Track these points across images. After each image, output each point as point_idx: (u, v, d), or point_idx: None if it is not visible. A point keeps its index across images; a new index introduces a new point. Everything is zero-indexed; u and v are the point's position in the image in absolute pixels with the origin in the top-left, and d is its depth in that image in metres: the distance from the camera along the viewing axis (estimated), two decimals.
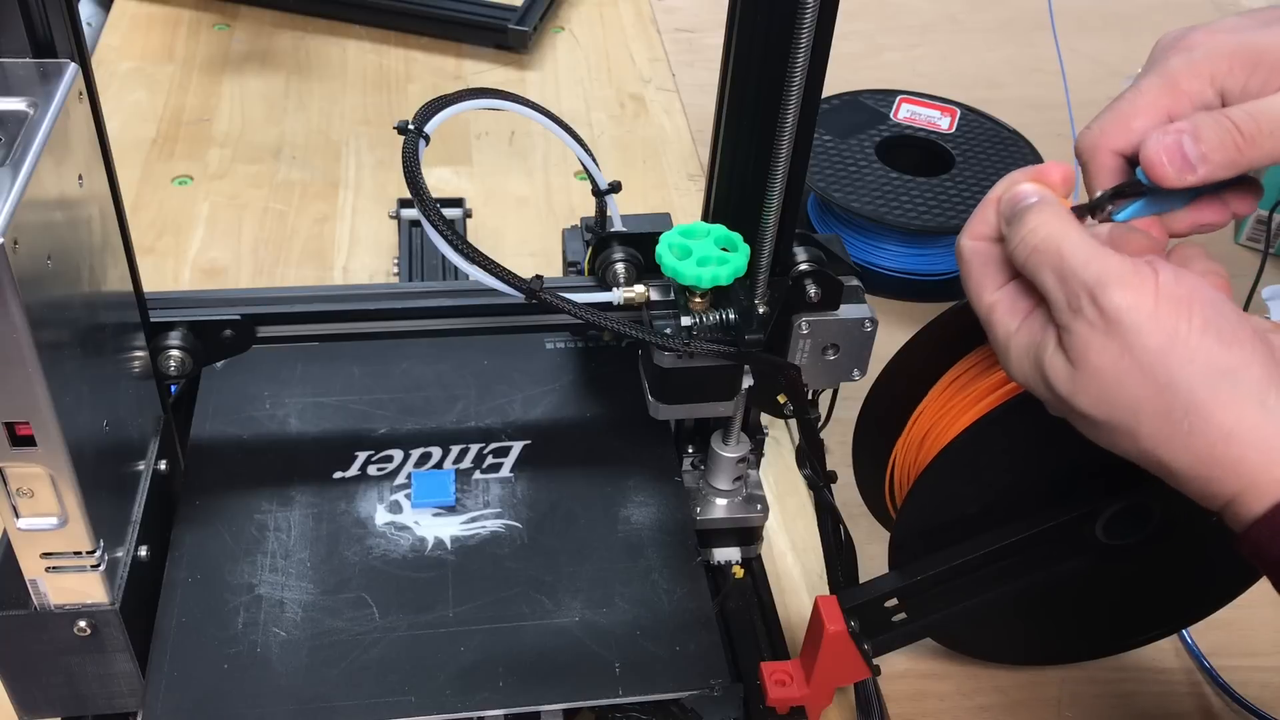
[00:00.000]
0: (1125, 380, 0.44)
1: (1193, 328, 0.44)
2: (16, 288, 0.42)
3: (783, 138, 0.55)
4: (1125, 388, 0.45)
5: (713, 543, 0.68)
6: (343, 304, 0.62)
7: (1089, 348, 0.45)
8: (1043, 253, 0.46)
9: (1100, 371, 0.45)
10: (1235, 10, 1.31)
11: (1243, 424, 0.43)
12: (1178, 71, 0.49)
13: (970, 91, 1.07)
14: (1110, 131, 0.50)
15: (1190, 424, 0.44)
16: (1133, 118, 0.49)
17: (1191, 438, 0.44)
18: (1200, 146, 0.46)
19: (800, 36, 0.51)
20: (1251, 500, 0.43)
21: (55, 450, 0.47)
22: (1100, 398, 0.45)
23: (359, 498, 0.65)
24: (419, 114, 0.57)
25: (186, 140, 1.06)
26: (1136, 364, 0.44)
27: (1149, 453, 0.45)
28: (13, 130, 0.45)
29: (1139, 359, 0.44)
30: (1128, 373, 0.44)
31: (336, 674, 0.57)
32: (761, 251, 0.59)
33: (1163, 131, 0.47)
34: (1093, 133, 0.51)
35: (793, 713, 0.60)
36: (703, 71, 1.19)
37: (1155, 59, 0.50)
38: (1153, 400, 0.44)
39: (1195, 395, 0.44)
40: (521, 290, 0.55)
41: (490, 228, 0.99)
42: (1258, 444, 0.43)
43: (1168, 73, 0.49)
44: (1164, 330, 0.44)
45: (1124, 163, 0.50)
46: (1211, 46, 0.48)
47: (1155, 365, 0.44)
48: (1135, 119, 0.49)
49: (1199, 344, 0.44)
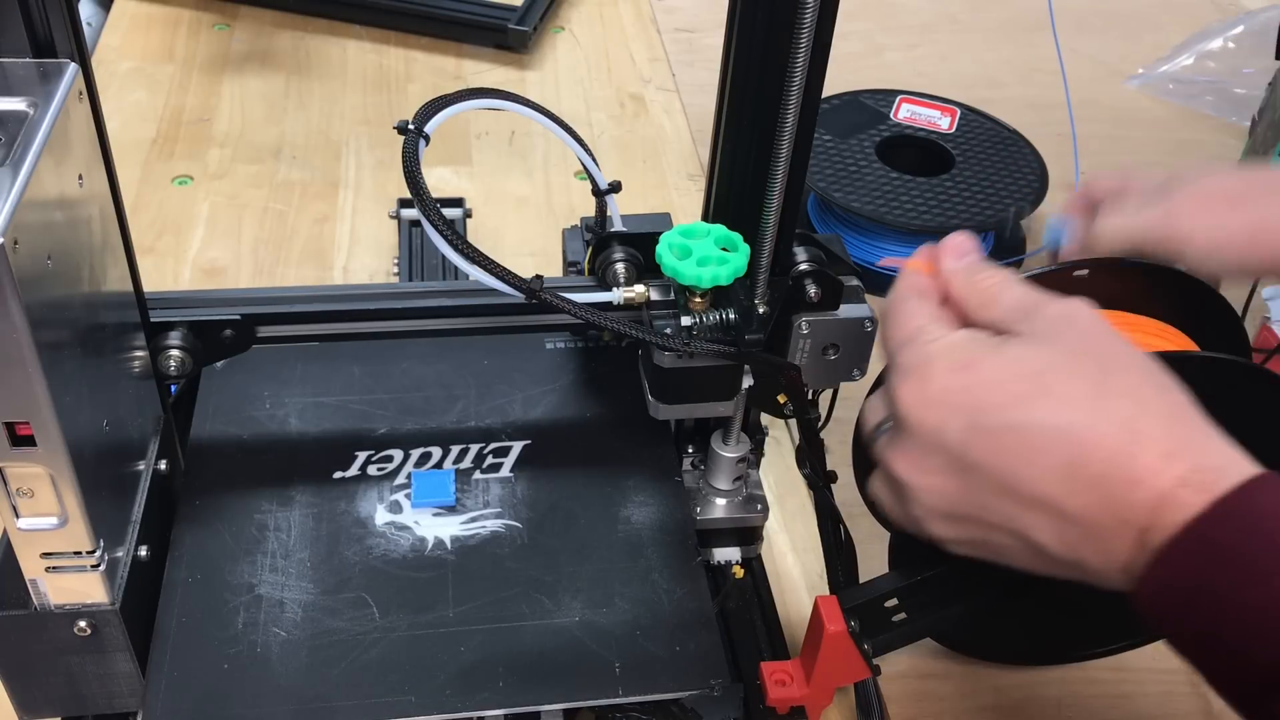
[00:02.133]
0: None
1: (955, 427, 0.45)
2: (16, 288, 0.42)
3: (783, 138, 0.55)
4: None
5: (713, 543, 0.68)
6: (343, 304, 0.62)
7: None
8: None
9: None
10: (1235, 9, 1.31)
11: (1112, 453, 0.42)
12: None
13: (970, 91, 1.07)
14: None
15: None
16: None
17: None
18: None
19: (800, 36, 0.51)
20: (1166, 515, 0.40)
21: (55, 450, 0.47)
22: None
23: (359, 498, 0.65)
24: (419, 114, 0.57)
25: (186, 140, 1.06)
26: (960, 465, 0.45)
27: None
28: (13, 130, 0.45)
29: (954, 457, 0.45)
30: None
31: (336, 674, 0.57)
32: (761, 251, 0.59)
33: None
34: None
35: (793, 713, 0.60)
36: (703, 71, 1.19)
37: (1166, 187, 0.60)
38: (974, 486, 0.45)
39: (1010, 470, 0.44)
40: (521, 290, 0.55)
41: (490, 228, 0.99)
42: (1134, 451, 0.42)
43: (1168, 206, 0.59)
44: (931, 428, 0.46)
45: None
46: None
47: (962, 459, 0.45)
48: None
49: (972, 437, 0.45)
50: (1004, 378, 0.44)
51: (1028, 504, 0.43)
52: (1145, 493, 0.40)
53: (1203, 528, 0.39)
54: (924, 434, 0.45)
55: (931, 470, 0.46)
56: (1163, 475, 0.40)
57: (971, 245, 0.52)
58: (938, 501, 0.46)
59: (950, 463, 0.45)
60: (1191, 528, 0.39)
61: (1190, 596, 0.39)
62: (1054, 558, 0.44)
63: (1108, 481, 0.41)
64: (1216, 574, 0.39)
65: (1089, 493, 0.41)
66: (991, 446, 0.43)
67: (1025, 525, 0.44)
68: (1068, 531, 0.43)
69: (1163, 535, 0.40)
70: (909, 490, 0.47)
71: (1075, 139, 0.95)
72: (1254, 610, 0.38)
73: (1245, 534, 0.39)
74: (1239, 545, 0.39)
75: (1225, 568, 0.39)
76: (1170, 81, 1.21)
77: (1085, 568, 0.43)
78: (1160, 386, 0.43)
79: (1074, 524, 0.42)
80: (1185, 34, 1.27)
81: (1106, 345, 0.45)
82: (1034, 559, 0.45)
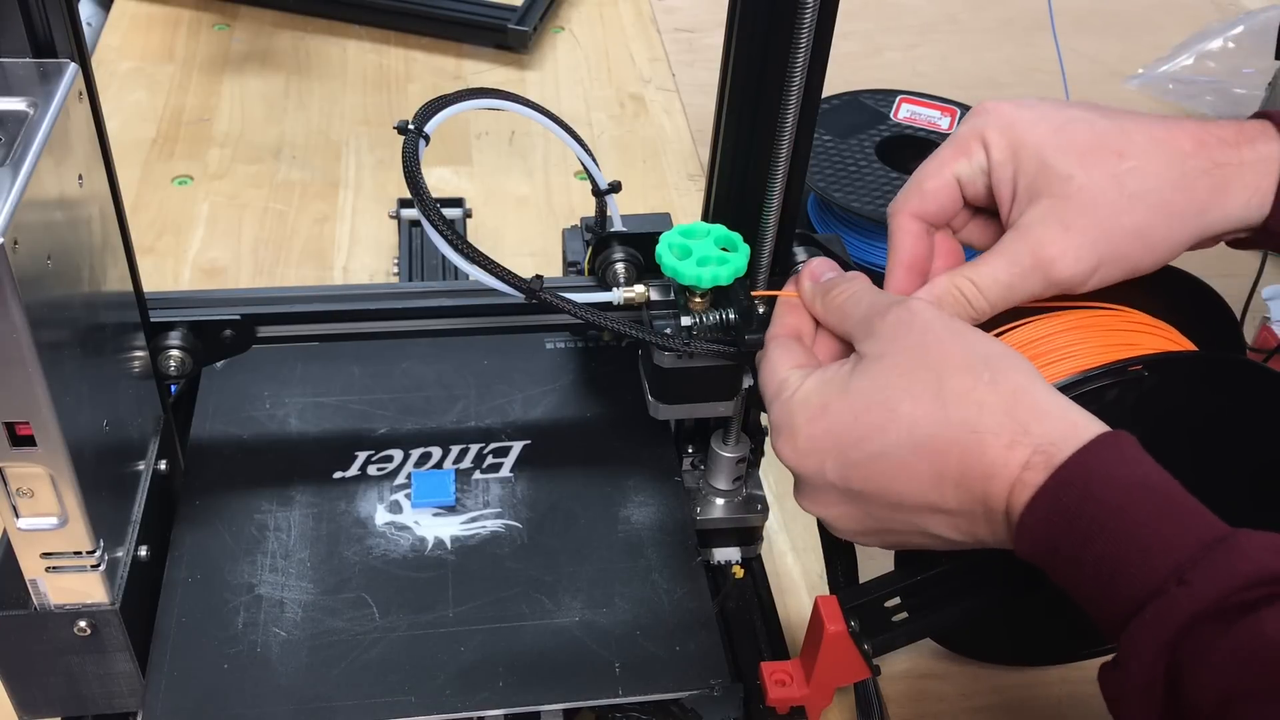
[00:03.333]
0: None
1: (830, 468, 0.49)
2: (16, 288, 0.42)
3: (783, 138, 0.55)
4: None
5: (713, 543, 0.68)
6: (343, 304, 0.62)
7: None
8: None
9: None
10: (1235, 9, 1.31)
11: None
12: (966, 138, 0.54)
13: (970, 91, 1.07)
14: (909, 200, 0.56)
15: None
16: (924, 181, 0.55)
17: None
18: None
19: (800, 36, 0.51)
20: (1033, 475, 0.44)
21: (55, 450, 0.47)
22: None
23: (359, 498, 0.65)
24: (419, 114, 0.57)
25: (186, 140, 1.06)
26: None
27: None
28: (13, 130, 0.45)
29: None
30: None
31: (336, 674, 0.57)
32: (761, 251, 0.59)
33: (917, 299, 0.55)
34: (895, 201, 0.57)
35: (793, 713, 0.60)
36: (703, 71, 1.19)
37: (964, 121, 0.56)
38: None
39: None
40: (521, 290, 0.55)
41: (490, 228, 0.99)
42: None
43: (958, 138, 0.55)
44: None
45: (921, 225, 0.56)
46: (999, 126, 0.53)
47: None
48: (926, 181, 0.55)
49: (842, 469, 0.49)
50: (855, 412, 0.48)
51: (917, 510, 0.48)
52: (999, 484, 0.45)
53: (1045, 500, 0.43)
54: (809, 478, 0.50)
55: (831, 503, 0.51)
56: (1010, 464, 0.44)
57: (827, 266, 0.55)
58: (849, 524, 0.51)
59: (841, 496, 0.50)
60: (1035, 502, 0.43)
61: (1048, 560, 0.44)
62: (959, 542, 0.48)
63: (968, 479, 0.45)
64: (1061, 538, 0.43)
65: (957, 491, 0.46)
66: (866, 475, 0.48)
67: (924, 524, 0.48)
68: (958, 522, 0.47)
69: (1016, 514, 0.44)
70: (819, 515, 0.53)
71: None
72: (1093, 564, 0.42)
73: (1079, 498, 0.43)
74: (1075, 509, 0.43)
75: (1068, 531, 0.43)
76: (1170, 81, 1.21)
77: (983, 540, 0.47)
78: (994, 377, 0.46)
79: (959, 515, 0.47)
80: (1185, 34, 1.27)
81: (940, 347, 0.48)
82: (942, 544, 0.49)
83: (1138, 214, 0.50)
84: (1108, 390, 0.51)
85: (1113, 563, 0.42)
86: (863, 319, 0.51)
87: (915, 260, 0.55)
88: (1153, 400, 0.52)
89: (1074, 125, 0.51)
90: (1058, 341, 0.53)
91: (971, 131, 0.54)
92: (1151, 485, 0.42)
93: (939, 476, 0.46)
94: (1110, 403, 0.51)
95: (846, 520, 0.51)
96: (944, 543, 0.49)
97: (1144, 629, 0.40)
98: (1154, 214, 0.50)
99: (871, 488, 0.48)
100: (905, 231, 0.55)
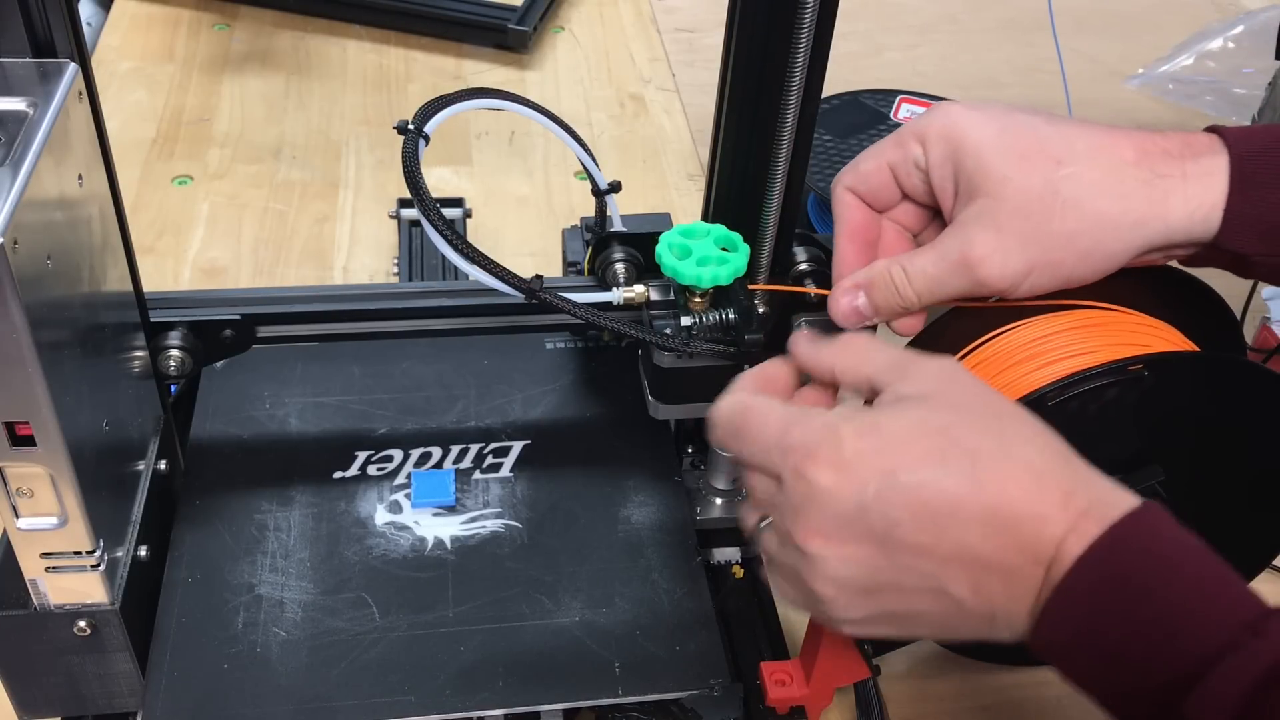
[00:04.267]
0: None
1: (874, 488, 0.44)
2: (16, 288, 0.42)
3: (783, 138, 0.55)
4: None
5: (713, 543, 0.68)
6: (343, 304, 0.62)
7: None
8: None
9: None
10: (1235, 9, 1.31)
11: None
12: (906, 134, 0.54)
13: (970, 91, 1.07)
14: (844, 175, 0.56)
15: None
16: (861, 162, 0.56)
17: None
18: (871, 306, 0.54)
19: (800, 36, 0.51)
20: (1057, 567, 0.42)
21: (55, 450, 0.47)
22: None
23: (359, 497, 0.65)
24: (419, 114, 0.57)
25: (186, 140, 1.06)
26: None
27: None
28: (13, 130, 0.45)
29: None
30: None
31: (336, 674, 0.57)
32: (761, 251, 0.59)
33: (843, 291, 0.55)
34: (836, 179, 0.57)
35: (793, 713, 0.60)
36: (703, 71, 1.19)
37: (916, 118, 0.55)
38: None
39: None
40: (521, 290, 0.55)
41: (490, 228, 0.99)
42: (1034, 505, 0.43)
43: (900, 132, 0.55)
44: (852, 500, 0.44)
45: (859, 200, 0.56)
46: (940, 126, 0.53)
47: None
48: (862, 163, 0.56)
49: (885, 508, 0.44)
50: (912, 436, 0.44)
51: (946, 558, 0.44)
52: (1053, 528, 0.42)
53: (1101, 553, 0.41)
54: (842, 499, 0.44)
55: (847, 540, 0.45)
56: (1068, 509, 0.42)
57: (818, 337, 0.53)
58: (854, 572, 0.45)
59: (867, 529, 0.44)
60: (1090, 554, 0.41)
61: (1091, 620, 0.41)
62: (968, 611, 0.45)
63: (1019, 523, 0.43)
64: (1114, 595, 0.41)
65: (1003, 535, 0.43)
66: (911, 501, 0.43)
67: (943, 580, 0.44)
68: (984, 580, 0.43)
69: (1064, 566, 0.42)
70: (820, 565, 0.45)
71: None
72: (1149, 623, 0.40)
73: (1138, 555, 0.41)
74: (1133, 565, 0.41)
75: (1124, 587, 0.41)
76: (1170, 81, 1.21)
77: (995, 617, 0.44)
78: (1047, 433, 0.45)
79: (990, 570, 0.43)
80: (1185, 34, 1.27)
81: (992, 397, 0.46)
82: (945, 619, 0.46)
83: (1070, 221, 0.50)
84: (1107, 390, 0.51)
85: (1171, 621, 0.40)
86: (893, 364, 0.48)
87: (856, 230, 0.55)
88: (1153, 400, 0.52)
89: (1017, 128, 0.51)
90: (1057, 341, 0.53)
91: (913, 129, 0.54)
92: (1203, 550, 0.41)
93: (990, 515, 0.43)
94: (1110, 402, 0.51)
95: (853, 565, 0.45)
96: (942, 615, 0.45)
97: (1222, 681, 0.38)
98: (1087, 222, 0.50)
99: (912, 518, 0.43)
100: (844, 203, 0.56)
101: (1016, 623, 0.44)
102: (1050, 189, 0.50)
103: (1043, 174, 0.50)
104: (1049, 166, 0.50)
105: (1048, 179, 0.50)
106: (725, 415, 0.49)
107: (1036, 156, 0.50)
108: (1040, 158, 0.50)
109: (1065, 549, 0.42)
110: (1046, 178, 0.50)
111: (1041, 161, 0.50)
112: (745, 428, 0.48)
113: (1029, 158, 0.50)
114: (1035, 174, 0.50)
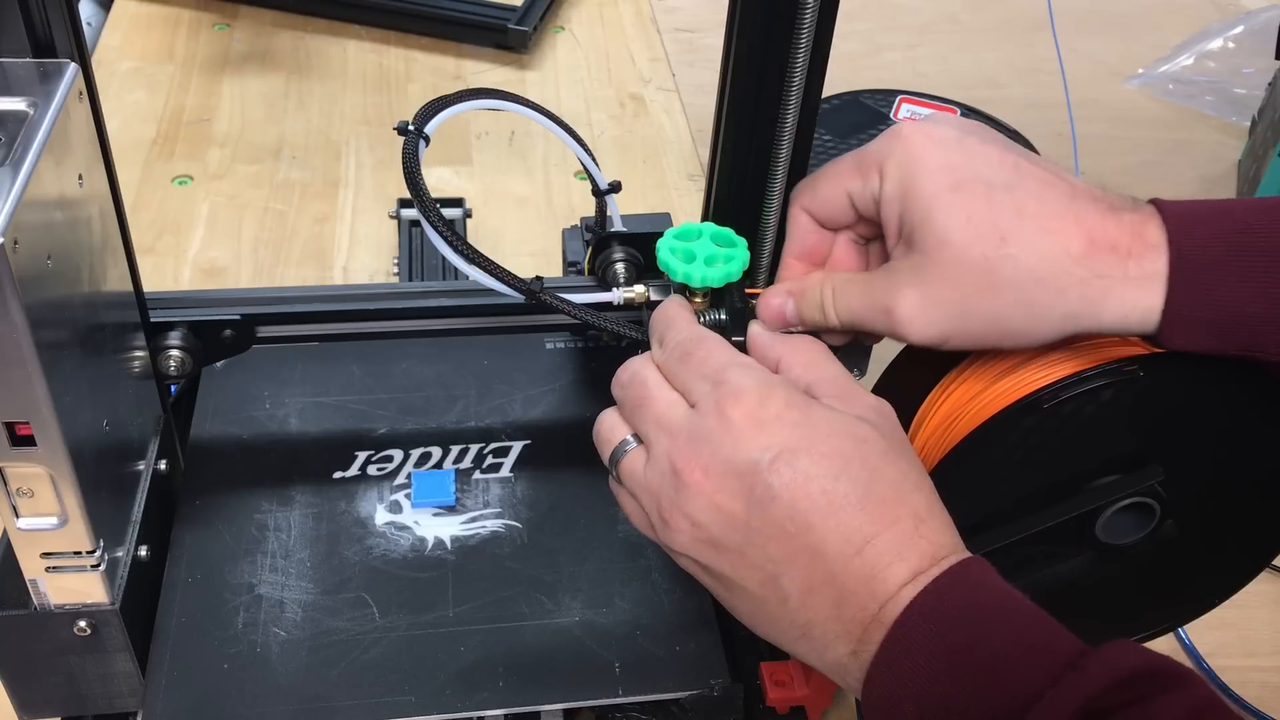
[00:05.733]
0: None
1: (775, 454, 0.45)
2: (16, 288, 0.42)
3: (783, 138, 0.55)
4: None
5: None
6: (343, 304, 0.62)
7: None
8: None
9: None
10: (1235, 9, 1.31)
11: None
12: (869, 161, 0.52)
13: (970, 91, 1.07)
14: (802, 194, 0.55)
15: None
16: (819, 182, 0.54)
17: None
18: (796, 314, 0.54)
19: (800, 36, 0.51)
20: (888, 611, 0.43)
21: (55, 450, 0.47)
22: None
23: (359, 498, 0.65)
24: (419, 114, 0.57)
25: (186, 140, 1.06)
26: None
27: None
28: (13, 130, 0.45)
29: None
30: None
31: (336, 674, 0.57)
32: (761, 251, 0.59)
33: (775, 293, 0.55)
34: (794, 191, 0.56)
35: (793, 713, 0.60)
36: (703, 71, 1.19)
37: (877, 139, 0.53)
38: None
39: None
40: (521, 290, 0.55)
41: (490, 228, 0.99)
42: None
43: (862, 157, 0.53)
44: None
45: (812, 220, 0.55)
46: (900, 160, 0.51)
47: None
48: (820, 184, 0.54)
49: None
50: (832, 431, 0.46)
51: (796, 552, 0.45)
52: (902, 573, 0.43)
53: (929, 601, 0.43)
54: (741, 449, 0.45)
55: (723, 489, 0.46)
56: (924, 561, 0.44)
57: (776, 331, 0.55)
58: (712, 520, 0.46)
59: (747, 489, 0.45)
60: (919, 602, 0.43)
61: (921, 670, 0.42)
62: (788, 610, 0.46)
63: (879, 556, 0.44)
64: (940, 644, 0.42)
65: (859, 558, 0.44)
66: (796, 486, 0.44)
67: (782, 570, 0.45)
68: (818, 590, 0.45)
69: (896, 610, 0.43)
70: (686, 499, 0.46)
71: (1075, 139, 0.95)
72: (975, 669, 0.41)
73: (963, 606, 0.43)
74: (956, 617, 0.42)
75: (948, 634, 0.42)
76: (1170, 81, 1.21)
77: (811, 630, 0.45)
78: (934, 492, 0.47)
79: (829, 583, 0.44)
80: (1185, 34, 1.27)
81: (908, 447, 0.48)
82: (762, 606, 0.47)
83: (1000, 302, 0.49)
84: (1104, 390, 0.51)
85: (995, 665, 0.41)
86: (835, 381, 0.51)
87: (805, 252, 0.55)
88: (1149, 400, 0.52)
89: (971, 187, 0.49)
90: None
91: (875, 155, 0.52)
92: (1024, 600, 0.43)
93: (859, 532, 0.44)
94: (1107, 403, 0.51)
95: (713, 513, 0.46)
96: (761, 606, 0.47)
97: (1042, 716, 0.40)
98: (1017, 307, 0.49)
99: (794, 502, 0.44)
100: (795, 223, 0.55)
101: (829, 651, 0.45)
102: (986, 267, 0.49)
103: (982, 248, 0.48)
104: (991, 241, 0.48)
105: (986, 256, 0.48)
106: (683, 337, 0.51)
107: (982, 224, 0.49)
108: (985, 226, 0.49)
109: (901, 596, 0.43)
110: (985, 254, 0.48)
111: (986, 231, 0.49)
112: (695, 352, 0.50)
113: (975, 223, 0.49)
114: (975, 246, 0.49)
